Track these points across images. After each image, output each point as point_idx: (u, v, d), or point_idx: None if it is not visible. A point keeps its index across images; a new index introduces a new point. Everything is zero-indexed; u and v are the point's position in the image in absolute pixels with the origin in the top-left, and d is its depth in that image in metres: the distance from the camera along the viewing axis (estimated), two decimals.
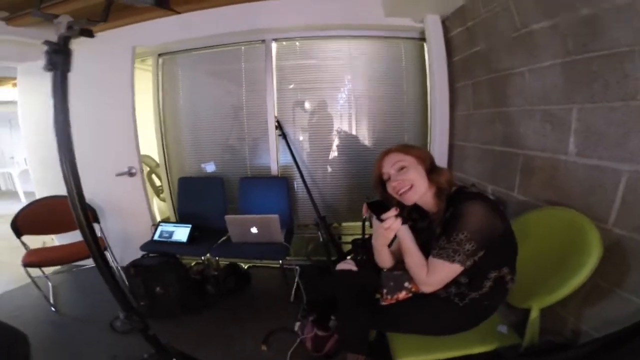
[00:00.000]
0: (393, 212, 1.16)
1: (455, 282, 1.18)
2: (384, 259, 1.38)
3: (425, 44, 2.69)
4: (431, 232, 1.26)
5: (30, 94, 2.97)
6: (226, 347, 1.96)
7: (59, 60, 0.92)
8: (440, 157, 2.56)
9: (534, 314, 1.21)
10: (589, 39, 1.29)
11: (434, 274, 1.14)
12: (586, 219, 1.25)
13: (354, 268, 1.47)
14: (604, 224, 1.24)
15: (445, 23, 2.48)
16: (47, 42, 0.92)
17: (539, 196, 1.63)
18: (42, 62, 0.93)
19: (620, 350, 0.97)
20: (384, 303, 1.33)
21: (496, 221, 1.10)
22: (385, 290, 1.32)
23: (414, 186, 1.20)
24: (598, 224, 1.22)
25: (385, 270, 1.40)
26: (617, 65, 1.18)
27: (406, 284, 1.32)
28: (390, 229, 1.18)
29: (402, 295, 1.31)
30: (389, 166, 1.25)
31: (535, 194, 1.66)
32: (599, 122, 1.27)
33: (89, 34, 0.95)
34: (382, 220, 1.17)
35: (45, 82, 0.95)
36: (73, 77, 0.96)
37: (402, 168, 1.23)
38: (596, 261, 1.13)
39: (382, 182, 1.30)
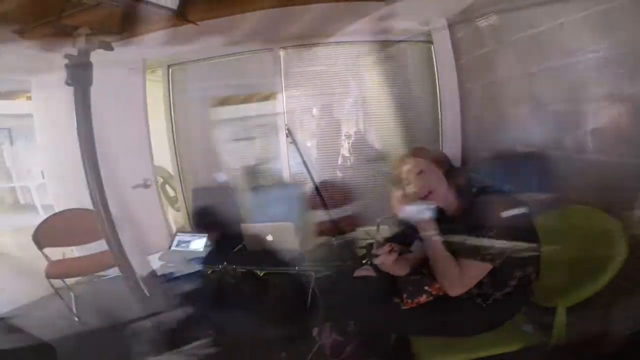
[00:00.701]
0: (386, 248, 1.24)
1: (478, 282, 1.17)
2: (397, 271, 1.37)
3: (432, 47, 2.69)
4: (449, 231, 1.25)
5: (45, 106, 3.00)
6: (244, 354, 1.96)
7: (79, 73, 0.91)
8: (453, 159, 2.54)
9: (561, 313, 1.18)
10: (601, 37, 1.28)
11: (464, 274, 1.13)
12: (609, 216, 1.23)
13: (372, 274, 1.47)
14: (628, 220, 1.21)
15: (451, 25, 2.48)
16: (67, 56, 0.90)
17: (558, 195, 1.60)
18: (56, 74, 0.91)
19: None
20: (405, 307, 1.32)
21: (520, 219, 1.09)
22: (405, 295, 1.32)
23: (433, 191, 1.21)
24: (622, 220, 1.19)
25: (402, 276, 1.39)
26: (633, 61, 1.17)
27: (426, 287, 1.30)
28: (385, 264, 1.26)
29: (423, 298, 1.30)
30: (407, 171, 1.25)
31: (554, 193, 1.64)
32: (618, 120, 1.26)
33: (109, 46, 0.95)
34: (376, 256, 1.24)
35: (61, 94, 0.93)
36: None
37: (420, 172, 1.23)
38: (623, 257, 1.11)
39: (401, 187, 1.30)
